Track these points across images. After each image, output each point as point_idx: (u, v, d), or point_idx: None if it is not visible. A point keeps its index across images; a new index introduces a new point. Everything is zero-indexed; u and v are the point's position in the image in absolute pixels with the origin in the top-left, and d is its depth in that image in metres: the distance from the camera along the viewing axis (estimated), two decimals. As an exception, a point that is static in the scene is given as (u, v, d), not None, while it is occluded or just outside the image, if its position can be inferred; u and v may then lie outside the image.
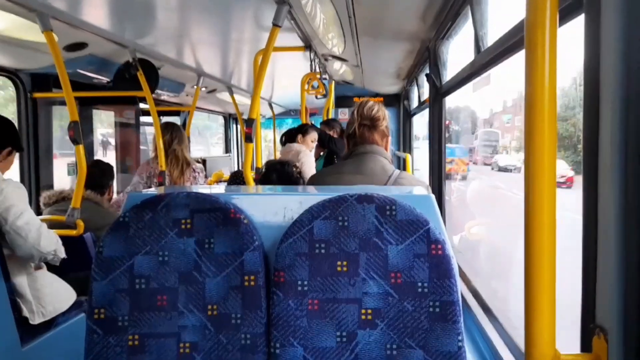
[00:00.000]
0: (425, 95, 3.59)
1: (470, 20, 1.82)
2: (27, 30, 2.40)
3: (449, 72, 2.35)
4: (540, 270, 0.70)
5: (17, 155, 2.27)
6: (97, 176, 2.84)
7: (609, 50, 0.72)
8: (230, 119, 7.38)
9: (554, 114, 0.70)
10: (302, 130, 3.85)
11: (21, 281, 1.98)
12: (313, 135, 3.89)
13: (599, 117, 0.75)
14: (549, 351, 0.71)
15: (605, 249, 0.73)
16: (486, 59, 1.64)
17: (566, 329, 0.83)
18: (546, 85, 0.70)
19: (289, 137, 3.86)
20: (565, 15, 1.00)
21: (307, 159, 3.57)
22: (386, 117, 1.83)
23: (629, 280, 0.68)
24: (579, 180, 0.83)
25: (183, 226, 1.27)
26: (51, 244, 2.01)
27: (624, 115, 0.69)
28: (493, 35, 1.58)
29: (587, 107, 0.78)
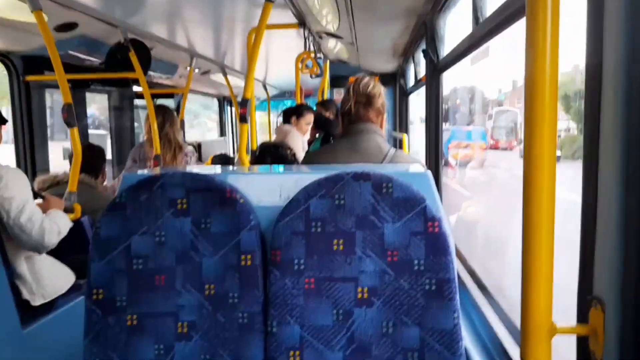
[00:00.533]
0: (422, 73, 3.55)
1: (467, -9, 1.79)
2: (17, 10, 2.36)
3: (447, 48, 2.31)
4: (538, 241, 0.70)
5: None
6: (90, 160, 2.82)
7: (612, 24, 0.70)
8: (224, 101, 7.32)
9: (555, 85, 0.69)
10: (297, 111, 3.82)
11: (20, 263, 1.99)
12: (308, 118, 3.84)
13: (600, 94, 0.73)
14: (545, 323, 0.71)
15: (603, 221, 0.72)
16: (485, 30, 1.61)
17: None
18: (547, 54, 0.68)
19: (285, 116, 3.85)
20: None
21: (294, 141, 3.55)
22: (382, 94, 1.80)
23: (627, 252, 0.68)
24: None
25: (179, 206, 1.27)
26: (54, 236, 2.03)
27: (627, 94, 0.68)
28: (492, 4, 1.54)
29: (589, 74, 0.77)
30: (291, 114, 3.83)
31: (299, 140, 3.70)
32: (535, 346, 0.72)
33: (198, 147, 5.36)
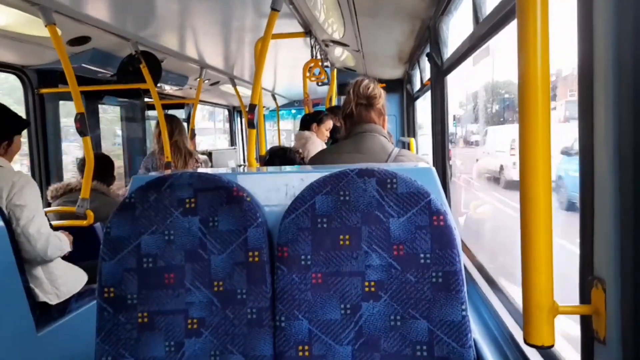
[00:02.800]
0: (428, 78, 3.58)
1: (468, -8, 1.81)
2: (32, 25, 2.43)
3: (450, 50, 2.34)
4: (537, 222, 0.71)
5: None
6: (101, 168, 2.88)
7: (602, 24, 0.72)
8: (234, 111, 7.40)
9: (547, 83, 0.71)
10: (317, 118, 3.84)
11: (35, 266, 2.03)
12: (328, 124, 3.88)
13: (593, 73, 0.75)
14: (546, 302, 0.72)
15: (602, 201, 0.73)
16: (484, 30, 1.63)
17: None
18: (539, 53, 0.71)
19: (305, 123, 3.86)
20: None
21: (315, 146, 3.59)
22: (382, 96, 1.81)
23: (627, 231, 0.68)
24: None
25: (187, 205, 1.30)
26: (57, 251, 2.07)
27: (617, 66, 0.69)
28: (492, 3, 1.56)
29: (581, 72, 0.78)
30: (311, 121, 3.84)
31: (320, 147, 3.71)
32: (538, 327, 0.72)
33: (209, 156, 5.44)
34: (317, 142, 3.71)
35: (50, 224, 2.26)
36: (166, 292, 1.28)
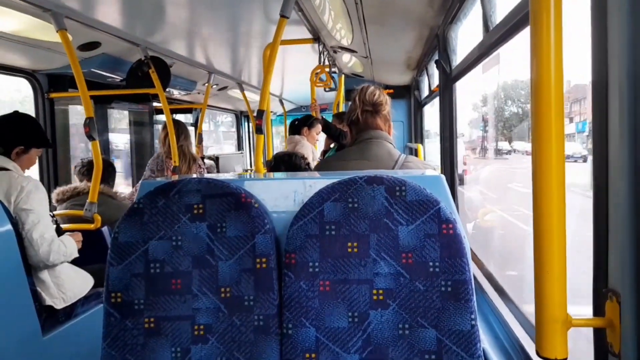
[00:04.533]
0: (436, 84, 3.57)
1: (478, 1, 1.81)
2: (43, 30, 2.46)
3: (459, 58, 2.33)
4: (550, 234, 0.70)
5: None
6: (103, 172, 2.89)
7: (615, 25, 0.71)
8: (241, 116, 7.43)
9: (561, 89, 0.70)
10: (307, 122, 3.93)
11: (42, 270, 2.04)
12: (318, 128, 3.98)
13: (607, 75, 0.74)
14: (560, 315, 0.71)
15: (617, 213, 0.72)
16: (494, 38, 1.62)
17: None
18: (552, 60, 0.70)
19: (293, 128, 3.96)
20: None
21: (305, 150, 3.66)
22: (388, 102, 1.80)
23: None
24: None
25: (195, 211, 1.30)
26: (60, 257, 2.08)
27: (632, 72, 0.68)
28: (502, 12, 1.56)
29: (595, 79, 0.77)
30: (302, 125, 3.95)
31: (310, 150, 3.79)
32: (551, 339, 0.71)
33: (216, 160, 5.45)
34: (307, 146, 3.81)
35: (60, 227, 2.27)
36: (173, 297, 1.27)
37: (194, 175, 3.50)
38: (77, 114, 3.65)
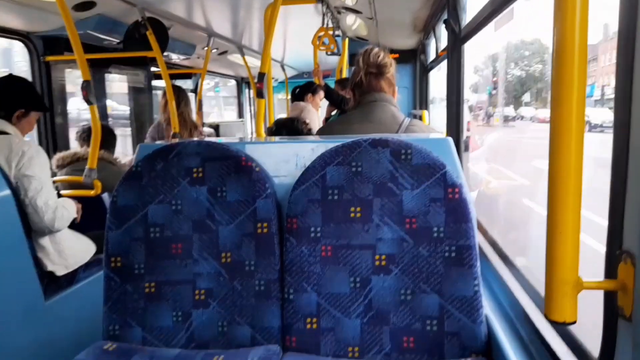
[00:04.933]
0: (443, 47, 3.47)
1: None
2: (36, -11, 2.37)
3: (469, 17, 2.24)
4: (564, 194, 0.67)
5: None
6: (103, 138, 2.85)
7: None
8: (242, 83, 7.31)
9: (585, 50, 0.66)
10: (311, 89, 3.89)
11: (42, 235, 2.03)
12: (321, 94, 3.96)
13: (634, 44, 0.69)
14: (571, 277, 0.68)
15: (636, 169, 0.69)
16: None
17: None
18: (577, 18, 0.65)
19: (296, 95, 3.93)
20: None
21: (311, 115, 3.63)
22: (393, 65, 1.75)
23: None
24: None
25: (195, 175, 1.27)
26: (64, 222, 2.07)
27: None
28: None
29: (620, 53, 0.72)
30: (305, 92, 3.91)
31: (316, 116, 3.76)
32: (560, 301, 0.69)
33: (216, 128, 5.39)
34: (312, 112, 3.82)
35: (59, 193, 2.24)
36: (174, 262, 1.26)
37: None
38: (76, 78, 3.58)
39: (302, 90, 3.97)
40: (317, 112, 3.97)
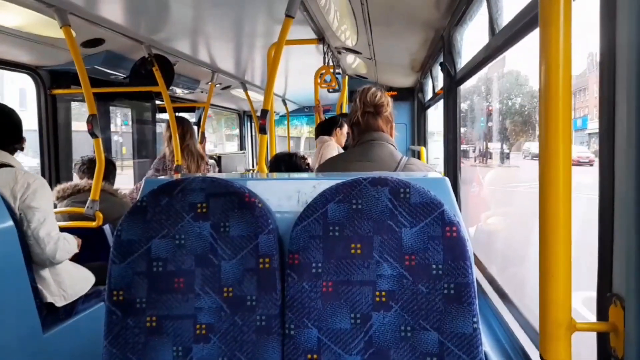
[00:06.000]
0: (440, 87, 3.57)
1: (484, 4, 1.80)
2: (47, 26, 2.46)
3: (463, 61, 2.33)
4: (556, 236, 0.70)
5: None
6: (105, 169, 2.90)
7: (625, 27, 0.71)
8: (244, 116, 7.43)
9: (569, 90, 0.70)
10: (339, 123, 3.81)
11: (43, 266, 2.03)
12: (345, 128, 3.88)
13: (615, 84, 0.74)
14: (564, 319, 0.70)
15: (621, 217, 0.72)
16: (501, 41, 1.62)
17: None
18: (561, 62, 0.70)
19: (322, 129, 3.82)
20: None
21: (327, 150, 3.58)
22: (390, 104, 1.79)
23: None
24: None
25: (199, 210, 1.29)
26: (65, 254, 2.08)
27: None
28: (508, 16, 1.56)
29: (603, 77, 0.77)
30: (333, 126, 3.79)
31: (335, 151, 3.68)
32: (554, 343, 0.71)
33: (218, 160, 5.45)
34: (332, 147, 3.70)
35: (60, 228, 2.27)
36: (175, 296, 1.27)
37: (199, 175, 3.49)
38: (80, 111, 3.65)
39: (329, 125, 3.85)
40: (339, 146, 3.85)
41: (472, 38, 2.36)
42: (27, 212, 1.95)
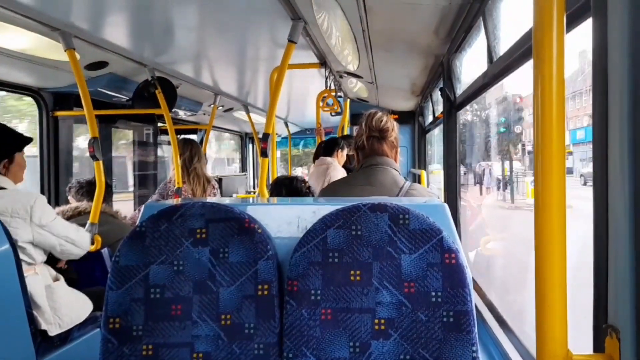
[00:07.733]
0: (440, 111, 3.59)
1: (482, 32, 1.83)
2: (50, 49, 2.49)
3: (463, 86, 2.35)
4: (551, 269, 0.70)
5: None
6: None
7: (616, 52, 0.72)
8: (246, 138, 7.47)
9: (563, 121, 0.71)
10: (340, 144, 3.79)
11: (39, 292, 2.01)
12: (346, 150, 3.87)
13: (607, 119, 0.74)
14: (561, 351, 0.70)
15: (616, 248, 0.72)
16: (498, 69, 1.64)
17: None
18: (554, 92, 0.71)
19: (323, 150, 3.78)
20: (573, 19, 1.00)
21: (335, 172, 3.54)
22: (395, 128, 1.80)
23: None
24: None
25: (198, 236, 1.28)
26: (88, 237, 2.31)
27: (632, 117, 0.69)
28: (505, 44, 1.58)
29: (596, 107, 0.78)
30: (334, 147, 3.76)
31: (342, 173, 3.62)
32: None
33: (219, 182, 5.45)
34: (338, 168, 3.64)
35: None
36: (172, 324, 1.25)
37: (208, 199, 3.47)
38: (82, 133, 3.67)
39: (331, 146, 3.80)
40: (342, 168, 3.82)
41: (472, 63, 2.39)
42: (44, 229, 2.03)
